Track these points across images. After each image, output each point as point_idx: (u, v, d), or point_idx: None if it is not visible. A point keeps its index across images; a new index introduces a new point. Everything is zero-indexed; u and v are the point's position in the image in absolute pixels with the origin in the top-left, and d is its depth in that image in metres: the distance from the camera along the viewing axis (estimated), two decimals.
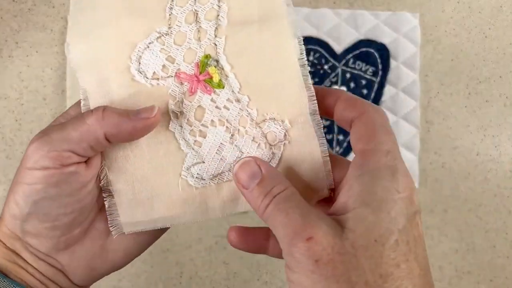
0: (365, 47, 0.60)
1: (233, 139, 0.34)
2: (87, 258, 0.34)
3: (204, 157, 0.34)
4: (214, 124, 0.34)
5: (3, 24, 0.61)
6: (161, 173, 0.34)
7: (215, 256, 0.60)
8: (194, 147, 0.34)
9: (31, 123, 0.61)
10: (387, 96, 0.60)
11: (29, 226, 0.31)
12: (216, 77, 0.33)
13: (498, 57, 0.62)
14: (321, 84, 0.60)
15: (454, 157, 0.62)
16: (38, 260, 0.33)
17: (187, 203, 0.34)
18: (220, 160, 0.34)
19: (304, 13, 0.61)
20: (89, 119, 0.31)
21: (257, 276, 0.60)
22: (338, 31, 0.61)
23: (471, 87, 0.62)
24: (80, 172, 0.31)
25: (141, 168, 0.33)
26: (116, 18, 0.33)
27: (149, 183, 0.34)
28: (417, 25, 0.61)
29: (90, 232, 0.34)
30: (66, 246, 0.33)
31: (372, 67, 0.60)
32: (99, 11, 0.33)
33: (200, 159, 0.34)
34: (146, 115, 0.31)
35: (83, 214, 0.33)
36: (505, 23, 0.62)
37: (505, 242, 0.62)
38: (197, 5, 0.33)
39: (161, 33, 0.33)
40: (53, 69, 0.61)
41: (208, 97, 0.33)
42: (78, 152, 0.31)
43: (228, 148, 0.34)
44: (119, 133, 0.31)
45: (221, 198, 0.34)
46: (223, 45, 0.33)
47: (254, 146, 0.33)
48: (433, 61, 0.62)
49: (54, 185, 0.30)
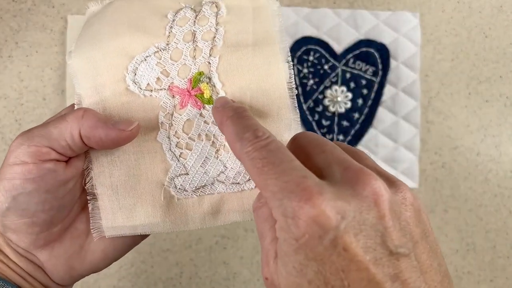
0: (365, 47, 0.60)
1: (218, 154, 0.35)
2: (65, 256, 0.34)
3: (188, 169, 0.35)
4: (201, 138, 0.35)
5: (3, 24, 0.61)
6: (145, 181, 0.34)
7: (215, 256, 0.61)
8: (179, 159, 0.35)
9: (31, 123, 0.61)
10: (387, 96, 0.60)
11: (8, 221, 0.32)
12: (207, 93, 0.34)
13: (498, 57, 0.62)
14: (321, 83, 0.60)
15: (454, 157, 0.62)
16: (19, 256, 0.33)
17: (168, 212, 0.35)
18: (203, 173, 0.35)
19: (304, 13, 0.61)
20: (69, 117, 0.32)
21: (257, 276, 0.61)
22: (338, 31, 0.61)
23: (471, 87, 0.62)
24: (58, 171, 0.32)
25: (127, 175, 0.34)
26: (119, 32, 0.34)
27: (133, 190, 0.34)
28: (417, 25, 0.61)
29: (70, 231, 0.35)
30: (45, 243, 0.33)
31: (372, 67, 0.60)
32: (104, 26, 0.35)
33: (184, 171, 0.35)
34: (123, 127, 0.32)
35: (62, 213, 0.33)
36: (505, 23, 0.62)
37: (506, 242, 0.62)
38: (196, 26, 0.35)
39: (159, 48, 0.34)
40: (53, 69, 0.61)
41: (197, 111, 0.35)
42: (57, 148, 0.31)
43: (213, 162, 0.35)
44: (93, 136, 0.32)
45: (201, 210, 0.35)
46: (217, 64, 0.34)
47: (238, 162, 0.34)
48: (433, 61, 0.62)
49: (31, 181, 0.31)
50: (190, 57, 0.35)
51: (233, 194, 0.35)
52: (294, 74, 0.61)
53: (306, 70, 0.60)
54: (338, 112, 0.60)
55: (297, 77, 0.60)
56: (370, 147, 0.60)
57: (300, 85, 0.60)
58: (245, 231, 0.61)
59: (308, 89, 0.60)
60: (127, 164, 0.34)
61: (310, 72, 0.60)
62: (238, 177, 0.35)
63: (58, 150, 0.32)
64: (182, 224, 0.35)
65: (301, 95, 0.60)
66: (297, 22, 0.61)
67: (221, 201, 0.35)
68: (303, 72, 0.60)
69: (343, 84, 0.60)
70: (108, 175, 0.34)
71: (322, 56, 0.61)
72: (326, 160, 0.26)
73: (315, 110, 0.60)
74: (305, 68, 0.60)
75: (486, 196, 0.62)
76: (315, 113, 0.60)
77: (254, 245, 0.61)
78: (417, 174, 0.61)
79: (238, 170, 0.34)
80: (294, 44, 0.61)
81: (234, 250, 0.61)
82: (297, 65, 0.61)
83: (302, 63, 0.60)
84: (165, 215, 0.35)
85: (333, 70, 0.60)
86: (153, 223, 0.35)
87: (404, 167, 0.60)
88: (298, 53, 0.61)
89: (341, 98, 0.60)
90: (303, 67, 0.60)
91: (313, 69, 0.60)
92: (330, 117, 0.60)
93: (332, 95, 0.60)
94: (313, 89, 0.60)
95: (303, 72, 0.60)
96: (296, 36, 0.61)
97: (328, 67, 0.61)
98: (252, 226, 0.61)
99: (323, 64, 0.60)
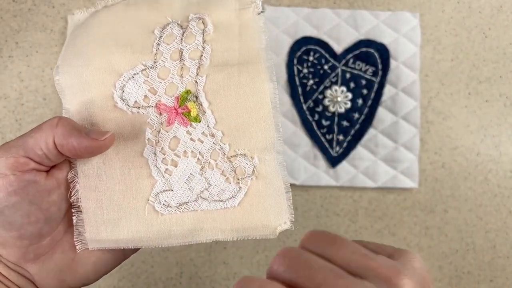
0: (365, 47, 0.60)
1: (203, 171, 0.35)
2: (56, 269, 0.34)
3: (173, 185, 0.35)
4: (187, 155, 0.35)
5: (3, 24, 0.61)
6: (130, 196, 0.35)
7: (215, 256, 0.61)
8: (164, 175, 0.35)
9: (31, 123, 0.61)
10: (387, 96, 0.60)
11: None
12: (194, 111, 0.35)
13: (498, 57, 0.62)
14: (321, 83, 0.60)
15: (454, 157, 0.62)
16: (9, 270, 0.33)
17: (151, 227, 0.35)
18: (188, 189, 0.35)
19: (304, 13, 0.61)
20: (44, 125, 0.32)
21: (257, 276, 0.61)
22: (338, 31, 0.61)
23: (471, 87, 0.62)
24: (39, 181, 0.32)
25: (112, 189, 0.35)
26: (106, 49, 0.35)
27: (117, 204, 0.35)
28: (417, 25, 0.61)
29: (60, 245, 0.35)
30: (35, 257, 0.33)
31: (372, 67, 0.60)
32: (90, 41, 0.35)
33: (169, 187, 0.35)
34: (96, 136, 0.32)
35: (50, 225, 0.33)
36: (505, 23, 0.62)
37: (505, 242, 0.62)
38: (183, 44, 0.35)
39: (146, 66, 0.35)
40: (53, 69, 0.61)
41: (184, 129, 0.35)
42: (34, 158, 0.32)
43: (197, 179, 0.35)
44: (66, 144, 0.32)
45: (185, 226, 0.35)
46: (204, 83, 0.35)
47: (222, 179, 0.35)
48: (433, 61, 0.62)
49: (14, 193, 0.31)
50: (177, 75, 0.35)
51: (216, 211, 0.35)
52: (294, 74, 0.61)
53: (306, 70, 0.60)
54: (338, 112, 0.60)
55: (297, 77, 0.60)
56: (370, 147, 0.60)
57: (300, 85, 0.60)
58: None
59: (308, 89, 0.60)
60: (113, 178, 0.35)
61: (310, 72, 0.60)
62: (222, 195, 0.35)
63: (35, 159, 0.32)
64: (165, 240, 0.35)
65: (301, 95, 0.60)
66: (297, 22, 0.61)
67: (205, 218, 0.35)
68: (303, 72, 0.60)
69: (343, 84, 0.60)
70: (94, 188, 0.35)
71: (322, 56, 0.61)
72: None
73: (315, 110, 0.60)
74: (305, 68, 0.60)
75: (486, 196, 0.62)
76: (315, 113, 0.60)
77: (254, 245, 0.61)
78: (417, 174, 0.61)
79: (221, 187, 0.35)
80: (294, 44, 0.61)
81: (234, 250, 0.61)
82: (297, 65, 0.61)
83: (302, 63, 0.61)
84: (148, 231, 0.35)
85: (333, 70, 0.60)
86: (136, 238, 0.35)
87: (404, 167, 0.60)
88: (298, 53, 0.61)
89: (341, 98, 0.60)
90: (303, 67, 0.61)
91: (313, 69, 0.60)
92: (330, 117, 0.60)
93: (332, 95, 0.60)
94: (313, 89, 0.60)
95: (303, 72, 0.60)
96: (296, 36, 0.61)
97: (328, 67, 0.61)
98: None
99: (323, 64, 0.61)
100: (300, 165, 0.60)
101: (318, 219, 0.61)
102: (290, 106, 0.60)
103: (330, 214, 0.61)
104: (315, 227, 0.60)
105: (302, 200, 0.61)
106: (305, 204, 0.61)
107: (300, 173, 0.60)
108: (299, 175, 0.60)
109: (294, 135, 0.60)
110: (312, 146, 0.60)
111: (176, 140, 0.35)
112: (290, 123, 0.60)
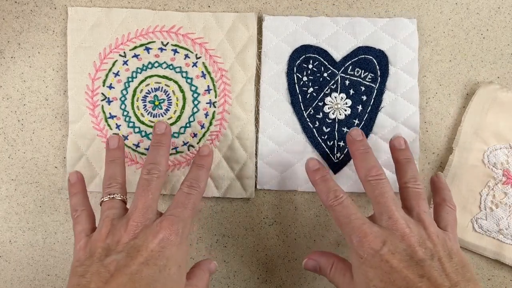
0: (364, 54, 0.60)
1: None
2: None
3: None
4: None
5: (5, 25, 0.61)
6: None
7: (215, 255, 0.61)
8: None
9: (33, 123, 0.61)
10: (387, 102, 0.60)
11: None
12: None
13: (496, 58, 0.62)
14: (321, 91, 0.60)
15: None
16: None
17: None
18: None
19: (302, 22, 0.61)
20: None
21: (257, 275, 0.62)
22: (337, 39, 0.60)
23: (469, 88, 0.62)
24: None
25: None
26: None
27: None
28: (415, 30, 0.61)
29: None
30: None
31: (371, 74, 0.60)
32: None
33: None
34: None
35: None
36: (503, 24, 0.62)
37: None
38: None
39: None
40: (55, 70, 0.61)
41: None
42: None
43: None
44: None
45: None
46: None
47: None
48: (431, 62, 0.62)
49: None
50: None
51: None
52: (294, 82, 0.61)
53: (305, 78, 0.60)
54: (338, 118, 0.60)
55: (297, 85, 0.60)
56: None
57: (300, 93, 0.60)
58: (245, 230, 0.61)
59: (308, 97, 0.60)
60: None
61: (310, 80, 0.60)
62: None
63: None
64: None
65: (301, 102, 0.60)
66: (296, 31, 0.61)
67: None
68: (302, 80, 0.60)
69: (342, 91, 0.60)
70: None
71: (321, 64, 0.60)
72: (379, 209, 0.46)
73: (316, 117, 0.60)
74: (305, 76, 0.60)
75: None
76: (315, 120, 0.60)
77: (254, 243, 0.61)
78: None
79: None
80: (293, 52, 0.60)
81: (235, 248, 0.61)
82: (297, 73, 0.60)
83: (301, 71, 0.60)
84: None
85: (332, 77, 0.60)
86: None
87: None
88: (297, 62, 0.60)
89: (340, 105, 0.60)
90: (302, 75, 0.60)
91: (312, 77, 0.60)
92: (330, 124, 0.60)
93: (332, 102, 0.60)
94: (313, 96, 0.60)
95: (303, 80, 0.60)
96: (295, 44, 0.61)
97: (327, 74, 0.60)
98: (252, 225, 0.61)
99: (322, 71, 0.60)
100: (302, 172, 0.60)
101: (318, 219, 0.61)
102: (291, 114, 0.61)
103: (330, 214, 0.61)
104: (315, 227, 0.61)
105: (302, 200, 0.61)
106: (305, 204, 0.61)
107: (301, 180, 0.60)
108: (301, 182, 0.61)
109: (295, 142, 0.61)
110: (314, 152, 0.60)
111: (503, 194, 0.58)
112: (291, 130, 0.61)
